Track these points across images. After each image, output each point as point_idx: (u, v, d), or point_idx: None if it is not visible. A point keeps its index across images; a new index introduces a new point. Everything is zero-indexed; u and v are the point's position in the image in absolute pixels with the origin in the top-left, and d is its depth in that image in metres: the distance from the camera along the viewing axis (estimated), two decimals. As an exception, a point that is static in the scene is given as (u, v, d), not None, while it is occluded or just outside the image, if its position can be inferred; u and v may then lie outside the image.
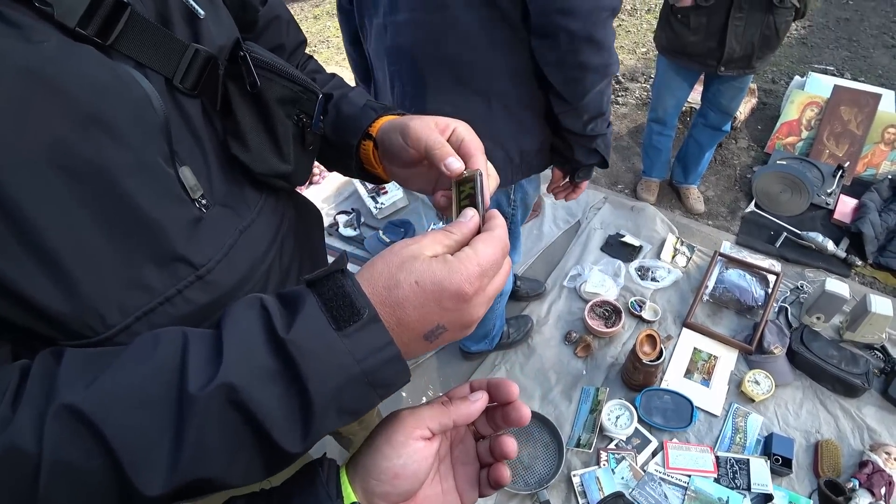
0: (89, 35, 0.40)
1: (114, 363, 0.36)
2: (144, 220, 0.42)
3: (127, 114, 0.40)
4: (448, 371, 2.03)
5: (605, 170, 2.95)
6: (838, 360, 1.84)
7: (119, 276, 0.42)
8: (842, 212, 2.50)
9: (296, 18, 0.73)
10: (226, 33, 0.52)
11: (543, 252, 2.45)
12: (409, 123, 0.52)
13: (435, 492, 0.45)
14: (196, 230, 0.47)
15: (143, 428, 0.35)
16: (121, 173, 0.39)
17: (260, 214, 0.55)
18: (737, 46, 1.97)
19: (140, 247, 0.42)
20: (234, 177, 0.52)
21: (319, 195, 2.87)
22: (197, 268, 0.47)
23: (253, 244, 0.53)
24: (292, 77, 0.54)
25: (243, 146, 0.51)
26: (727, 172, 2.88)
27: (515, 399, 0.45)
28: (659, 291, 2.20)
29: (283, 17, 0.69)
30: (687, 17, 1.99)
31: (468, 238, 0.42)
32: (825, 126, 2.72)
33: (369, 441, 0.43)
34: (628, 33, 4.30)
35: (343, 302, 0.37)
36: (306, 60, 0.76)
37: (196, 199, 0.47)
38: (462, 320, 0.40)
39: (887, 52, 3.70)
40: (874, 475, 1.57)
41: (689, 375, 1.91)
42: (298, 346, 0.36)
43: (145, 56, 0.44)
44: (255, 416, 0.36)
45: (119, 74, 0.40)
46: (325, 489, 0.40)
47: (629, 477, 1.63)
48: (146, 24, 0.43)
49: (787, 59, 3.73)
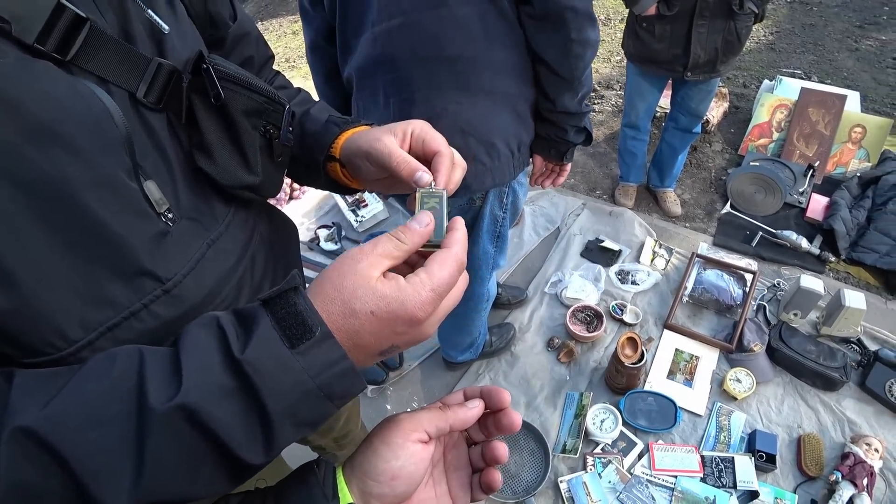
0: (47, 51, 0.40)
1: (69, 383, 0.36)
2: (107, 235, 0.42)
3: (85, 128, 0.40)
4: (432, 382, 2.02)
5: (584, 177, 2.99)
6: (816, 355, 1.87)
7: (79, 291, 0.41)
8: (814, 210, 2.55)
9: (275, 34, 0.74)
10: (190, 47, 0.52)
11: (524, 259, 2.47)
12: (371, 148, 0.53)
13: (429, 495, 0.46)
14: (162, 244, 0.46)
15: (103, 447, 0.35)
16: (80, 188, 0.39)
17: (229, 227, 0.55)
18: (701, 52, 2.02)
19: (102, 261, 0.42)
20: (202, 190, 0.52)
21: (300, 210, 2.86)
22: (163, 281, 0.47)
23: (221, 257, 0.53)
24: (258, 88, 0.54)
25: (209, 158, 0.51)
26: (702, 175, 2.93)
27: (507, 406, 0.46)
28: (639, 294, 2.22)
29: (252, 34, 0.70)
30: (652, 26, 2.04)
31: (417, 247, 0.43)
32: (795, 127, 2.79)
33: (367, 443, 0.44)
34: (603, 42, 4.38)
35: (296, 321, 0.38)
36: (274, 76, 0.76)
37: (162, 213, 0.47)
38: (414, 339, 0.43)
39: (851, 56, 3.82)
40: (856, 467, 1.59)
41: (671, 376, 1.92)
42: (254, 366, 0.37)
43: (107, 71, 0.44)
44: (215, 432, 0.36)
45: (77, 89, 0.40)
46: (320, 489, 0.41)
47: (616, 480, 1.63)
48: (106, 40, 0.44)
49: (757, 63, 3.83)
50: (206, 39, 0.59)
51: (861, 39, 4.01)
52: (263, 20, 6.03)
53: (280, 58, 5.02)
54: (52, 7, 0.39)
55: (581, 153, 3.17)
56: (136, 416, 0.35)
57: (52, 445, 0.33)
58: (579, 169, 3.06)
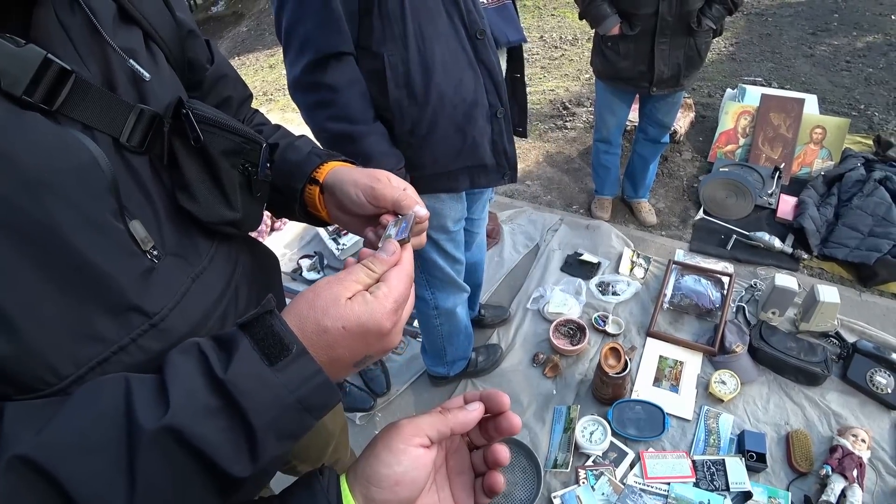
0: (35, 102, 0.42)
1: (59, 412, 0.38)
2: (96, 274, 0.44)
3: (73, 175, 0.42)
4: (420, 405, 2.01)
5: (560, 192, 3.05)
6: (797, 352, 1.90)
7: (71, 328, 0.43)
8: (784, 210, 2.62)
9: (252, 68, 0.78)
10: (170, 92, 0.55)
11: (506, 277, 2.49)
12: (375, 187, 0.58)
13: (432, 500, 0.47)
14: (148, 280, 0.49)
15: (96, 471, 0.36)
16: (70, 231, 0.42)
17: (212, 262, 0.58)
18: (665, 68, 2.10)
19: (92, 299, 0.44)
20: (185, 227, 0.55)
21: (282, 241, 2.86)
22: (150, 316, 0.49)
23: (206, 291, 0.56)
24: (235, 129, 0.57)
25: (191, 198, 0.54)
26: (675, 184, 3.00)
27: (507, 409, 0.47)
28: (620, 305, 2.24)
29: (229, 75, 0.73)
30: (616, 44, 2.12)
31: (388, 267, 0.47)
32: (759, 132, 2.89)
33: (369, 449, 0.45)
34: (571, 62, 4.52)
35: (273, 340, 0.41)
36: (252, 114, 0.80)
37: (147, 251, 0.49)
38: (384, 348, 0.46)
39: (807, 61, 3.98)
40: (845, 459, 1.60)
41: (657, 384, 1.93)
42: (236, 384, 0.39)
43: (91, 118, 0.47)
44: (203, 450, 0.38)
45: (64, 138, 0.43)
46: (325, 496, 0.41)
47: (609, 492, 1.62)
48: (90, 89, 0.46)
49: (720, 73, 3.97)
50: (185, 83, 0.62)
51: (815, 45, 4.18)
52: (240, 55, 6.14)
53: (258, 91, 5.09)
54: (39, 61, 0.42)
55: (556, 170, 3.24)
56: (126, 441, 0.37)
57: (49, 472, 0.34)
58: (555, 185, 3.12)
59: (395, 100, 1.15)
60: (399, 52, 1.11)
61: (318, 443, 1.10)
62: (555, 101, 3.94)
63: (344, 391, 2.00)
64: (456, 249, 1.56)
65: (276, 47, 6.04)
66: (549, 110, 3.85)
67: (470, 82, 1.19)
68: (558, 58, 4.63)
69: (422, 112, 1.18)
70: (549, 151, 3.42)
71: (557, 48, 4.81)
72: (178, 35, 0.62)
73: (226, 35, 6.86)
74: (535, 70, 4.45)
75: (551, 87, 4.15)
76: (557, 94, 4.04)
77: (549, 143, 3.50)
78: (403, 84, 1.14)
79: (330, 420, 1.12)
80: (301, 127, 1.09)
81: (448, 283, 1.63)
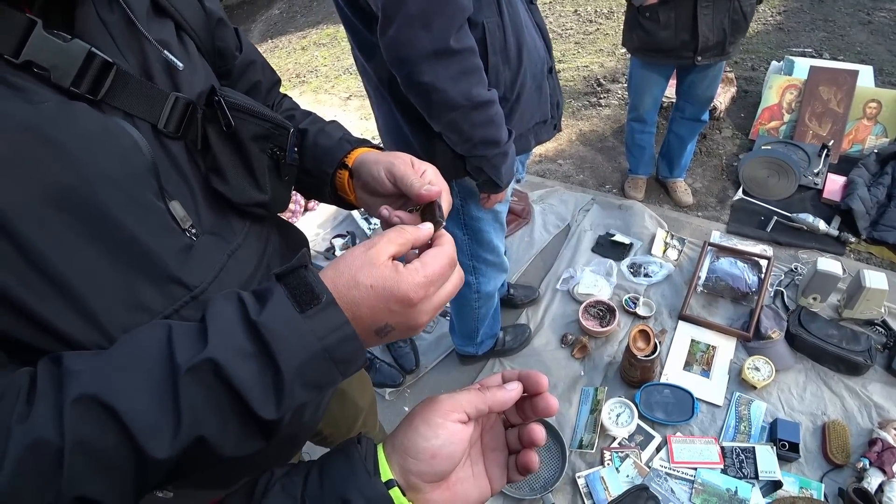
0: (82, 93, 0.47)
1: (111, 355, 0.41)
2: (142, 249, 0.49)
3: (117, 159, 0.47)
4: (449, 382, 2.03)
5: (593, 172, 2.98)
6: (839, 340, 1.82)
7: (123, 299, 0.48)
8: (831, 190, 2.49)
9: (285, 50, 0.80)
10: (202, 81, 0.60)
11: (536, 257, 2.47)
12: (394, 162, 0.60)
13: (466, 474, 0.48)
14: (188, 256, 0.53)
15: (147, 401, 0.39)
16: (117, 210, 0.46)
17: (246, 239, 0.62)
18: (709, 35, 2.00)
19: (139, 272, 0.49)
20: (220, 207, 0.59)
21: (315, 221, 2.93)
22: (191, 289, 0.53)
23: (241, 266, 0.61)
24: (264, 116, 0.61)
25: (223, 180, 0.58)
26: (713, 162, 2.89)
27: (545, 390, 0.48)
28: (652, 287, 2.20)
29: (257, 62, 0.76)
30: (655, 14, 2.02)
31: (419, 240, 0.49)
32: (806, 107, 2.73)
33: (407, 421, 0.46)
34: (606, 36, 4.36)
35: (305, 290, 0.43)
36: (281, 99, 0.83)
37: (186, 229, 0.54)
38: (408, 323, 0.46)
39: (864, 29, 3.71)
40: (884, 453, 1.54)
41: (688, 368, 1.90)
42: (268, 327, 0.41)
43: (132, 106, 0.51)
44: (239, 390, 0.40)
45: (108, 125, 0.48)
46: (363, 464, 0.43)
47: (634, 475, 1.62)
48: (131, 79, 0.51)
49: (765, 45, 3.75)
50: (215, 71, 0.66)
51: (874, 11, 3.89)
52: (273, 38, 6.18)
53: (291, 73, 5.13)
54: (84, 55, 0.47)
55: (589, 148, 3.16)
56: (170, 374, 0.39)
57: (109, 405, 0.38)
58: (588, 164, 3.05)
59: (493, 65, 1.16)
60: (495, 19, 1.12)
61: (347, 416, 1.13)
62: (588, 77, 3.82)
63: (374, 367, 2.05)
64: (502, 228, 1.58)
65: (308, 29, 6.06)
66: (582, 87, 3.74)
67: (539, 42, 1.27)
68: (593, 32, 4.47)
69: (514, 76, 1.21)
70: (582, 130, 3.33)
71: (592, 22, 4.64)
72: (208, 25, 0.65)
73: (258, 18, 6.90)
74: (568, 46, 4.32)
75: (585, 64, 4.02)
76: (591, 70, 3.91)
77: (583, 121, 3.41)
78: (500, 49, 1.15)
79: (359, 394, 1.16)
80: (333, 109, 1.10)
81: (494, 266, 1.63)
